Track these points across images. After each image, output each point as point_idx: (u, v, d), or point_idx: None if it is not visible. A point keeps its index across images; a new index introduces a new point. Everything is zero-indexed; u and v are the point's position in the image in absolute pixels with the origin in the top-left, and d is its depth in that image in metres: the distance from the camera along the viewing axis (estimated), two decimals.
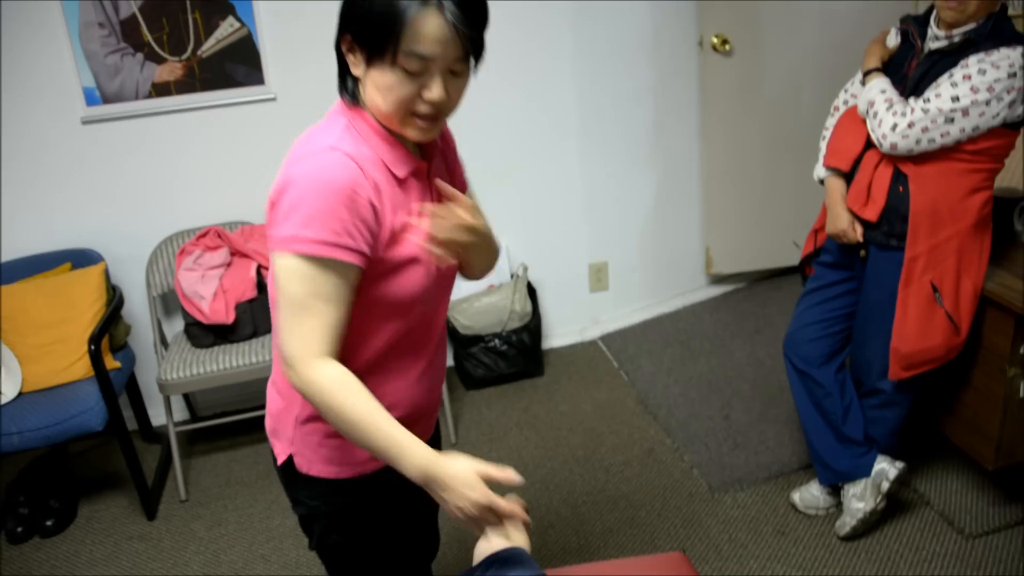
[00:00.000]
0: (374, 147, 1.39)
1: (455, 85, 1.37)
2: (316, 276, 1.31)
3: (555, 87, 3.50)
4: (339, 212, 1.30)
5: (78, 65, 3.01)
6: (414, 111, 1.35)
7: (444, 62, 1.32)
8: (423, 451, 1.35)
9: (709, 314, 3.90)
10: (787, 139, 3.71)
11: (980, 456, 2.51)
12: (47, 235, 3.17)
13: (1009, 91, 2.06)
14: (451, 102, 1.38)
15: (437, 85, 1.32)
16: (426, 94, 1.32)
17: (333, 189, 1.30)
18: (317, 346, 1.34)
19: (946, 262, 2.24)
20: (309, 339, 1.34)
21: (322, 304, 1.33)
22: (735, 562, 2.55)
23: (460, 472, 1.34)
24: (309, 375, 1.35)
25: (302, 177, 1.31)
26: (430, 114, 1.35)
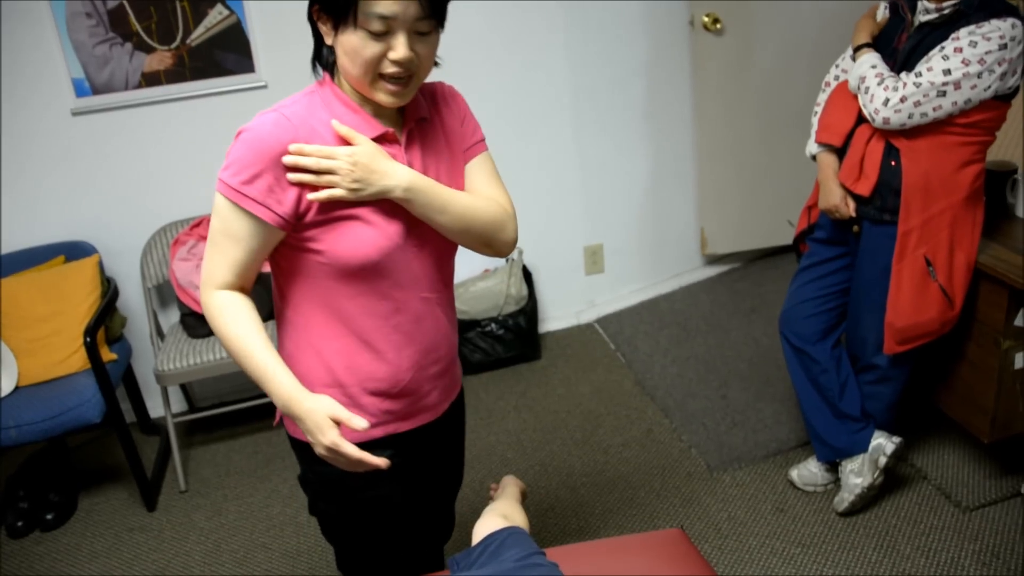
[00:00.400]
0: (335, 113, 1.46)
1: (422, 45, 1.39)
2: (228, 215, 1.44)
3: (547, 69, 3.48)
4: (258, 166, 1.40)
5: (66, 56, 3.00)
6: (382, 72, 1.38)
7: (406, 22, 1.34)
8: (287, 386, 1.45)
9: (705, 294, 3.90)
10: (780, 117, 3.70)
11: (976, 429, 2.52)
12: (40, 228, 3.17)
13: (1000, 63, 2.05)
14: (420, 63, 1.40)
15: (401, 45, 1.35)
16: (391, 54, 1.36)
17: (259, 145, 1.40)
18: (219, 276, 1.48)
19: (939, 235, 2.24)
20: (213, 269, 1.48)
21: (228, 241, 1.46)
22: (734, 539, 2.56)
23: (313, 412, 1.43)
24: (206, 299, 1.50)
25: (247, 129, 1.43)
26: (398, 75, 1.38)
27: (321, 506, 1.73)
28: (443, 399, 1.73)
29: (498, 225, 1.60)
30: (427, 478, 1.78)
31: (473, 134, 1.64)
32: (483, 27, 3.32)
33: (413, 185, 1.45)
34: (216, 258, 1.48)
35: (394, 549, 1.76)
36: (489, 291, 3.49)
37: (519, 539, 1.49)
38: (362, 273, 1.49)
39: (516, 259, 3.58)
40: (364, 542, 1.74)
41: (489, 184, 1.63)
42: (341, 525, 1.74)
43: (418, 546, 1.82)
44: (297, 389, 1.45)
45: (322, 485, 1.68)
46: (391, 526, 1.72)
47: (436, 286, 1.61)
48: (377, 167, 1.43)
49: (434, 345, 1.64)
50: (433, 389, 1.68)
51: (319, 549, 2.68)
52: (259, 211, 1.42)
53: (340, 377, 1.57)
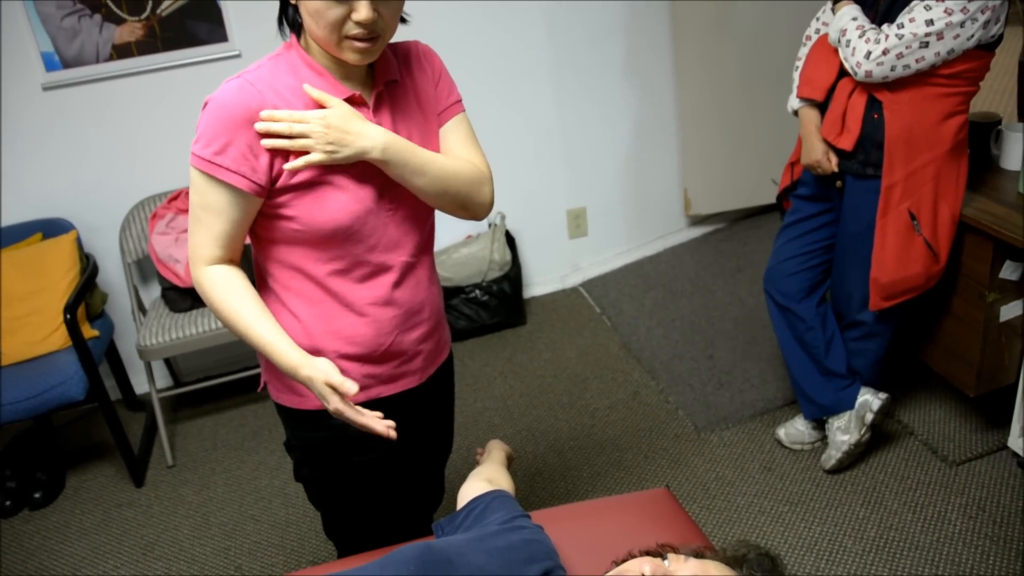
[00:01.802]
0: (302, 78, 1.44)
1: (387, 6, 1.37)
2: (204, 189, 1.43)
3: (526, 32, 3.44)
4: (228, 135, 1.39)
5: (34, 29, 2.94)
6: (347, 34, 1.36)
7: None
8: (290, 355, 1.46)
9: (690, 255, 3.89)
10: (762, 74, 3.67)
11: (962, 383, 2.52)
12: (15, 206, 3.12)
13: (983, 11, 2.02)
14: (385, 23, 1.38)
15: (364, 7, 1.34)
16: (354, 15, 1.34)
17: (225, 113, 1.39)
18: (206, 251, 1.47)
19: (923, 189, 2.22)
20: (198, 244, 1.47)
21: (209, 215, 1.44)
22: (722, 499, 2.57)
23: (312, 381, 1.44)
24: (197, 277, 1.49)
25: (212, 100, 1.41)
26: (363, 35, 1.37)
27: (306, 472, 1.73)
28: (429, 363, 1.72)
29: (475, 187, 1.59)
30: (413, 444, 1.77)
31: (448, 95, 1.62)
32: None
33: (390, 146, 1.43)
34: (200, 233, 1.47)
35: (380, 515, 1.76)
36: (472, 257, 3.47)
37: (504, 502, 1.48)
38: (336, 238, 1.48)
39: (499, 224, 3.55)
40: (349, 507, 1.74)
41: (465, 146, 1.61)
42: (326, 490, 1.74)
43: (406, 512, 1.82)
44: (300, 357, 1.45)
45: (307, 451, 1.69)
46: (376, 491, 1.72)
47: (414, 249, 1.59)
48: (351, 128, 1.41)
49: (417, 307, 1.63)
50: (417, 353, 1.67)
51: (308, 519, 2.68)
52: (234, 180, 1.40)
53: (319, 343, 1.56)
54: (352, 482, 1.69)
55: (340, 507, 1.75)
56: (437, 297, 1.71)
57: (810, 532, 2.41)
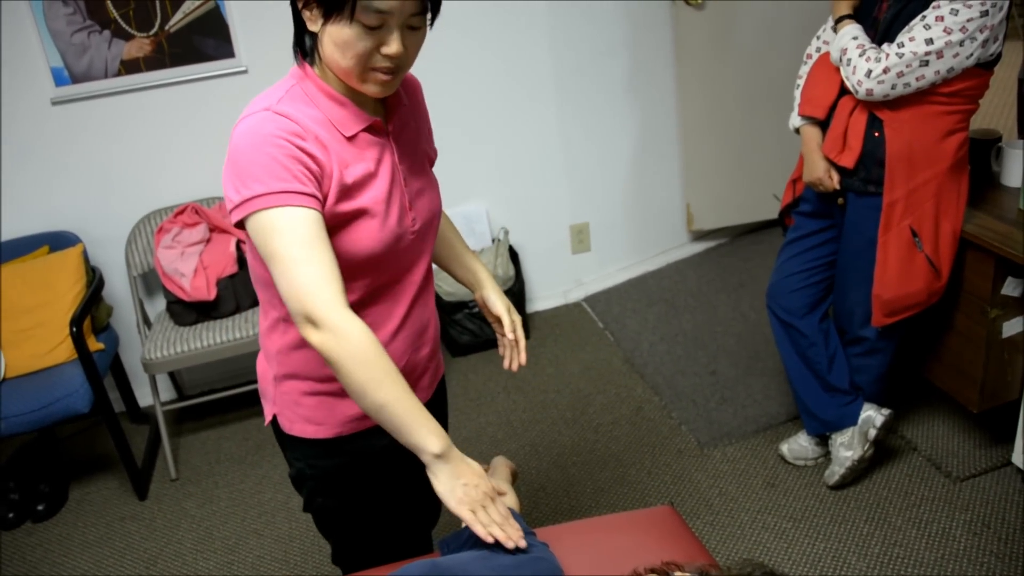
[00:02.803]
0: (322, 108, 1.40)
1: (412, 39, 1.35)
2: (290, 225, 1.29)
3: (530, 47, 3.46)
4: (281, 161, 1.30)
5: (44, 45, 2.97)
6: (372, 66, 1.34)
7: (402, 16, 1.31)
8: (442, 431, 1.34)
9: (692, 271, 3.90)
10: (763, 91, 3.69)
11: (965, 399, 2.52)
12: (23, 219, 3.14)
13: (982, 30, 2.04)
14: (408, 57, 1.37)
15: (395, 40, 1.31)
16: (384, 49, 1.32)
17: (268, 142, 1.30)
18: (333, 294, 1.30)
19: (924, 206, 2.24)
20: (320, 289, 1.29)
21: (311, 251, 1.29)
22: (726, 515, 2.57)
23: (474, 463, 1.38)
24: (340, 328, 1.29)
25: (239, 139, 1.33)
26: (388, 68, 1.35)
27: (320, 501, 1.68)
28: (432, 381, 1.73)
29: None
30: (413, 462, 1.78)
31: (431, 137, 1.64)
32: (464, 6, 3.29)
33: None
34: (311, 275, 1.29)
35: (388, 536, 1.75)
36: None
37: None
38: (368, 266, 1.45)
39: (502, 239, 3.57)
40: (363, 532, 1.72)
41: None
42: (341, 517, 1.70)
43: (408, 532, 1.81)
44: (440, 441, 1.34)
45: (323, 479, 1.64)
46: (389, 513, 1.71)
47: (422, 272, 1.59)
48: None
49: (424, 327, 1.63)
50: (426, 371, 1.68)
51: (311, 534, 2.68)
52: (308, 202, 1.31)
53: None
54: (368, 505, 1.68)
55: (353, 533, 1.73)
56: (436, 316, 1.71)
57: (814, 548, 2.41)
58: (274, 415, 1.62)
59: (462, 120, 3.44)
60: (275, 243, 1.29)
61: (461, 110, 3.42)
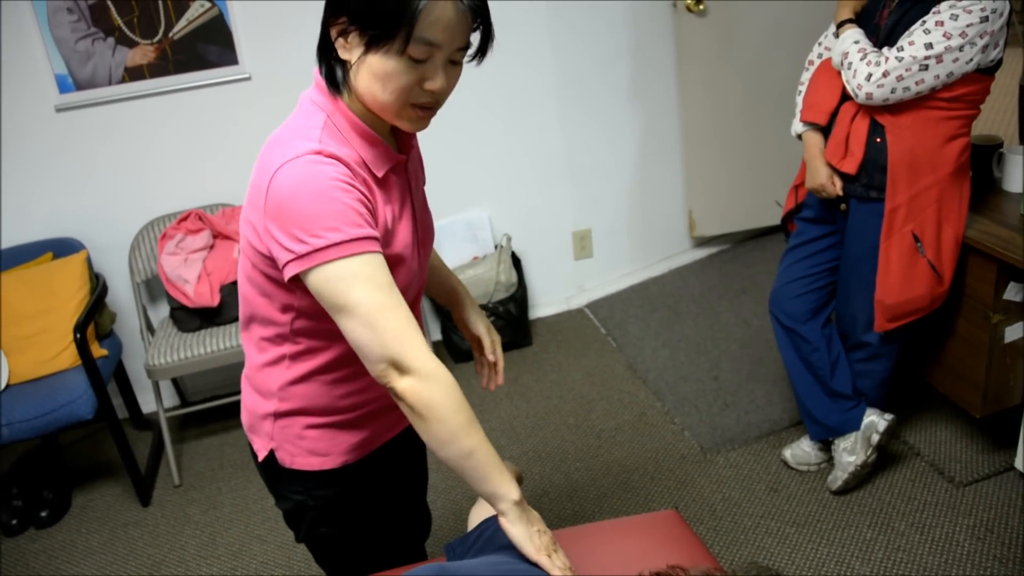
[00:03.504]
0: (355, 147, 1.33)
1: (453, 74, 1.31)
2: (367, 271, 1.25)
3: (531, 54, 3.47)
4: (353, 207, 1.25)
5: (49, 52, 2.98)
6: (412, 101, 1.29)
7: (449, 50, 1.26)
8: (516, 488, 1.32)
9: (695, 277, 3.91)
10: (765, 97, 3.70)
11: (968, 404, 2.53)
12: (26, 226, 3.15)
13: (982, 36, 2.05)
14: (447, 91, 1.32)
15: (440, 74, 1.27)
16: (428, 84, 1.27)
17: (334, 187, 1.24)
18: (421, 342, 1.26)
19: (926, 211, 2.24)
20: (409, 337, 1.26)
21: (389, 294, 1.26)
22: (729, 520, 2.57)
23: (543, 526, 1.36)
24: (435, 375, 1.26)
25: (295, 184, 1.25)
26: (430, 104, 1.30)
27: (323, 531, 1.64)
28: None
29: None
30: (407, 479, 1.78)
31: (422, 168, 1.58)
32: None
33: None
34: (398, 321, 1.26)
35: (386, 556, 1.74)
36: (479, 278, 3.49)
37: None
38: None
39: (505, 246, 3.57)
40: (364, 554, 1.70)
41: None
42: (343, 544, 1.68)
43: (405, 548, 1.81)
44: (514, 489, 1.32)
45: (326, 510, 1.61)
46: (388, 535, 1.71)
47: (421, 292, 1.61)
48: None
49: None
50: None
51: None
52: (377, 246, 1.28)
53: (344, 404, 1.52)
54: (370, 529, 1.67)
55: (355, 557, 1.70)
56: None
57: (817, 554, 2.41)
58: (271, 450, 1.56)
59: (464, 126, 3.45)
60: (357, 292, 1.24)
61: (463, 116, 3.43)
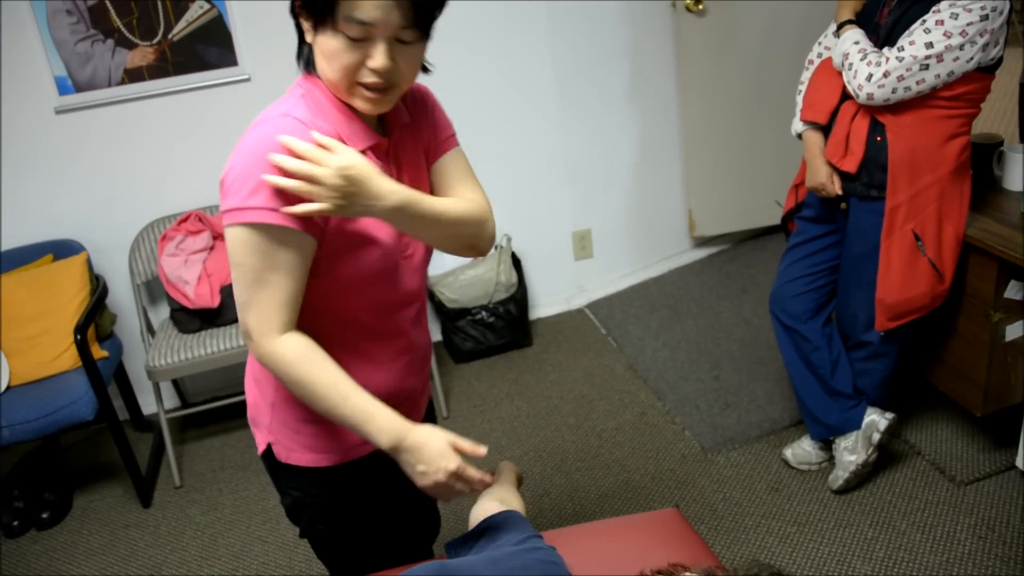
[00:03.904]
0: (331, 120, 1.35)
1: (405, 55, 1.29)
2: (266, 246, 1.29)
3: (530, 54, 3.47)
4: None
5: (48, 54, 2.98)
6: (359, 80, 1.29)
7: (387, 29, 1.25)
8: (394, 419, 1.36)
9: (695, 276, 3.91)
10: (765, 97, 3.70)
11: (968, 403, 2.53)
12: (27, 227, 3.15)
13: (982, 34, 2.05)
14: (402, 73, 1.30)
15: (380, 53, 1.26)
16: (369, 62, 1.26)
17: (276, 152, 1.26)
18: (277, 318, 1.33)
19: (927, 210, 2.24)
20: (266, 313, 1.32)
21: (277, 275, 1.31)
22: (730, 520, 2.57)
23: (432, 440, 1.36)
24: (270, 348, 1.34)
25: (250, 144, 1.29)
26: (377, 84, 1.29)
27: (321, 528, 1.65)
28: (425, 397, 1.72)
29: (481, 227, 1.50)
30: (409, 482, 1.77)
31: (443, 130, 1.54)
32: (463, 11, 3.31)
33: (406, 206, 1.32)
34: (266, 299, 1.32)
35: (389, 556, 1.74)
36: (479, 279, 3.49)
37: (516, 523, 1.48)
38: (364, 288, 1.43)
39: (505, 246, 3.57)
40: (364, 554, 1.70)
41: (464, 182, 1.53)
42: (342, 542, 1.68)
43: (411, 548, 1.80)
44: (406, 423, 1.36)
45: (323, 507, 1.62)
46: (388, 533, 1.71)
47: (421, 291, 1.57)
48: (371, 187, 1.28)
49: (421, 348, 1.61)
50: (423, 391, 1.68)
51: None
52: (299, 224, 1.29)
53: None
54: (368, 527, 1.67)
55: (355, 556, 1.70)
56: (427, 331, 1.67)
57: (818, 553, 2.41)
58: (268, 444, 1.57)
59: (463, 127, 3.40)
60: (249, 262, 1.31)
61: (462, 117, 3.38)
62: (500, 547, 1.37)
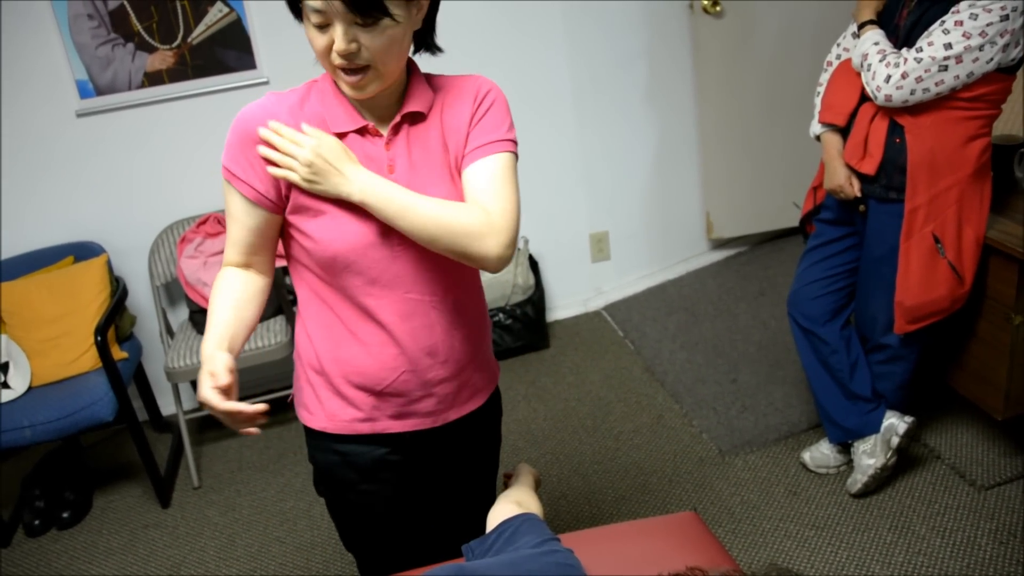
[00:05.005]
0: (324, 103, 1.47)
1: (369, 36, 1.33)
2: (226, 194, 1.50)
3: (548, 55, 3.48)
4: (240, 146, 1.45)
5: (70, 58, 3.01)
6: (335, 64, 1.38)
7: (336, 14, 1.31)
8: (208, 344, 1.49)
9: (712, 279, 3.89)
10: (783, 99, 3.69)
11: (989, 407, 2.51)
12: (48, 230, 3.18)
13: (1002, 35, 2.03)
14: (374, 54, 1.35)
15: (339, 36, 1.33)
16: (334, 45, 1.35)
17: (240, 126, 1.46)
18: (228, 253, 1.55)
19: (947, 212, 2.23)
20: (227, 248, 1.55)
21: (231, 220, 1.52)
22: (748, 523, 2.56)
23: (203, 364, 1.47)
24: (218, 275, 1.57)
25: (238, 114, 1.49)
26: (344, 66, 1.37)
27: (321, 489, 1.76)
28: (446, 408, 1.64)
29: (473, 239, 1.41)
30: (434, 483, 1.77)
31: (485, 134, 1.48)
32: (482, 15, 3.31)
33: (367, 189, 1.40)
34: (227, 237, 1.55)
35: (399, 543, 1.75)
36: (496, 281, 3.49)
37: (534, 525, 1.48)
38: (336, 266, 1.48)
39: (522, 248, 3.58)
40: (361, 530, 1.76)
41: (486, 189, 1.45)
42: (336, 510, 1.77)
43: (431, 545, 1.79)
44: (211, 348, 1.47)
45: (317, 471, 1.73)
46: (383, 520, 1.72)
47: (427, 288, 1.52)
48: (337, 165, 1.41)
49: (428, 349, 1.55)
50: (427, 395, 1.60)
51: (333, 542, 2.69)
52: (242, 188, 1.46)
53: (325, 366, 1.58)
54: (361, 508, 1.70)
55: (351, 528, 1.77)
56: (464, 341, 1.60)
57: (837, 557, 2.40)
58: (292, 395, 1.72)
59: None
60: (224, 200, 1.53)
61: None
62: (518, 550, 1.37)
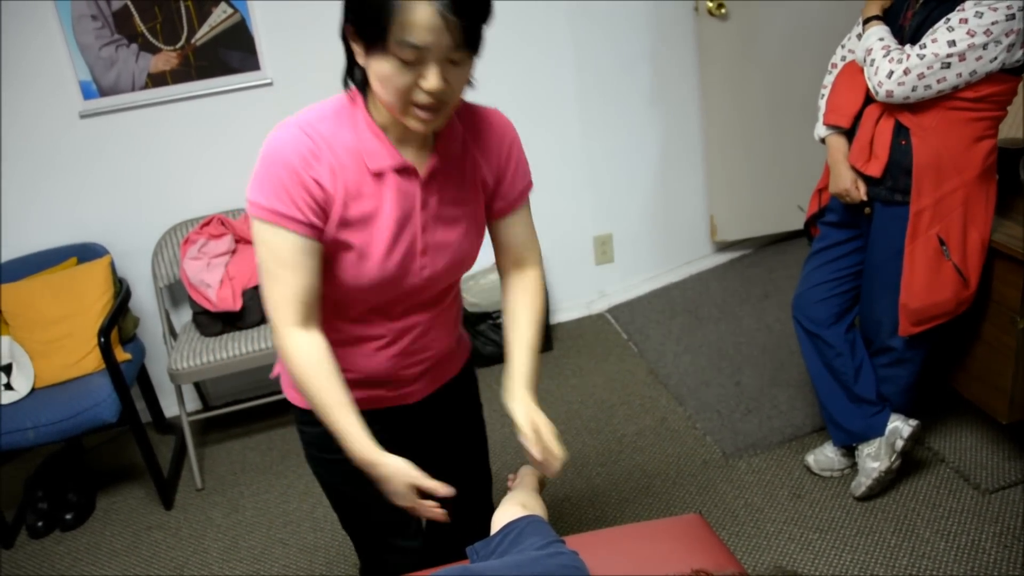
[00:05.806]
0: (359, 136, 1.41)
1: (455, 74, 1.33)
2: (274, 241, 1.38)
3: (553, 58, 3.47)
4: (283, 182, 1.36)
5: (73, 59, 3.01)
6: (413, 101, 1.32)
7: (439, 51, 1.28)
8: (366, 446, 1.43)
9: (716, 281, 3.89)
10: (788, 101, 3.68)
11: (993, 410, 2.50)
12: (51, 231, 3.18)
13: (1008, 34, 2.02)
14: (452, 92, 1.35)
15: (433, 75, 1.29)
16: (423, 83, 1.30)
17: (278, 160, 1.36)
18: (287, 311, 1.41)
19: (952, 214, 2.22)
20: (280, 306, 1.41)
21: (284, 271, 1.39)
22: (752, 526, 2.55)
23: (395, 479, 1.42)
24: (283, 343, 1.43)
25: (265, 146, 1.39)
26: (429, 104, 1.33)
27: (312, 465, 1.78)
28: (433, 382, 1.76)
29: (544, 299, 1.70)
30: (422, 451, 1.77)
31: (522, 178, 1.67)
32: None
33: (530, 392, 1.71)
34: (277, 292, 1.41)
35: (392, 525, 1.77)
36: (499, 283, 3.49)
37: (538, 527, 1.48)
38: (357, 294, 1.49)
39: None
40: (351, 502, 1.77)
41: (531, 246, 1.78)
42: (328, 484, 1.78)
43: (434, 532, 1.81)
44: (374, 452, 1.42)
45: (306, 444, 1.74)
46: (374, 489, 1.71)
47: (427, 310, 1.60)
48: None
49: (420, 349, 1.64)
50: (415, 381, 1.70)
51: (336, 544, 2.69)
52: (293, 226, 1.37)
53: None
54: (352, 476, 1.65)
55: (345, 501, 1.78)
56: (450, 336, 1.72)
57: (841, 560, 2.39)
58: (278, 374, 1.71)
59: None
60: (261, 253, 1.41)
61: None
62: (523, 551, 1.37)
